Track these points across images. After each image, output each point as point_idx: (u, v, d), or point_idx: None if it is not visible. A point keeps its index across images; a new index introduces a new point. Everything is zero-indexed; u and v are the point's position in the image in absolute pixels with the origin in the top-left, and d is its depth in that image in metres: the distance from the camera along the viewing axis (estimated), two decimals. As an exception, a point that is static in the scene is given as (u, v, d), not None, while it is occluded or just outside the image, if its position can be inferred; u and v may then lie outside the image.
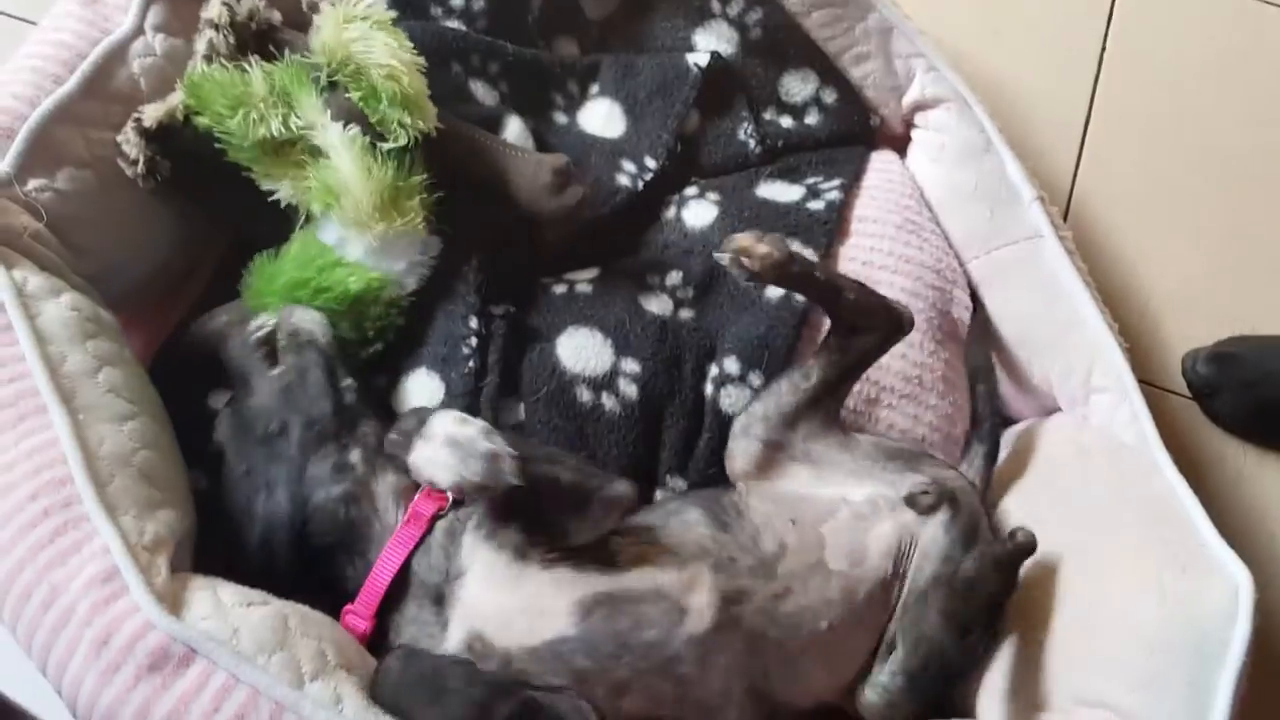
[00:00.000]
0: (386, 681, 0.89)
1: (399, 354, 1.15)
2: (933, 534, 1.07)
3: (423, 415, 0.98)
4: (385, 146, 1.10)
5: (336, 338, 1.09)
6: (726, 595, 0.98)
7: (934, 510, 1.07)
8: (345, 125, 1.09)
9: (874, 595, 1.04)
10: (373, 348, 1.14)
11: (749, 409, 1.14)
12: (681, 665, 0.95)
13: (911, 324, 1.12)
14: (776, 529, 1.05)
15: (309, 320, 1.07)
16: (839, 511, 1.07)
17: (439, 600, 0.96)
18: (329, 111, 1.09)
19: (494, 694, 0.87)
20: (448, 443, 0.94)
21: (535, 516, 0.98)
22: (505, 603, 0.94)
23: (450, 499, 0.98)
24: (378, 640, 0.97)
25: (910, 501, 1.08)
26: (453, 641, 0.94)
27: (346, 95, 1.10)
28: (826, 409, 1.12)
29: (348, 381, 1.06)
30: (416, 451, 0.95)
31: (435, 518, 0.99)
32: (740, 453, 1.12)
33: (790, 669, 1.01)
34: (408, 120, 1.09)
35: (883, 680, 1.03)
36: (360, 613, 0.96)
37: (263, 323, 1.08)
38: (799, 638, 1.00)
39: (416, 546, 0.97)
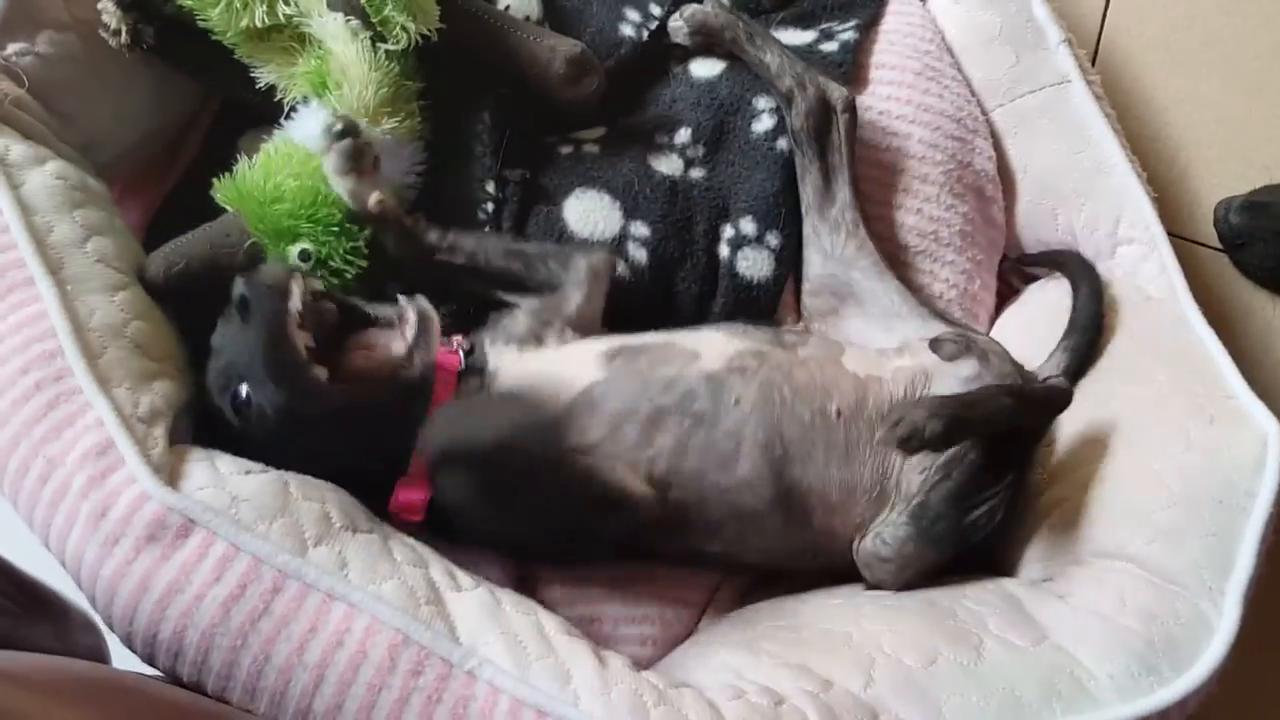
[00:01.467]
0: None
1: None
2: (949, 385, 1.04)
3: None
4: (384, 47, 1.06)
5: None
6: (741, 351, 1.03)
7: (957, 357, 1.05)
8: (346, 18, 1.05)
9: (882, 411, 1.02)
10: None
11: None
12: (697, 400, 1.00)
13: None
14: (798, 332, 1.09)
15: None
16: (869, 340, 1.11)
17: None
18: (326, 1, 1.05)
19: None
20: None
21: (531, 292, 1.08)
22: (544, 374, 1.02)
23: (462, 353, 1.02)
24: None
25: (934, 345, 1.07)
26: None
27: None
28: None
29: None
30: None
31: (460, 374, 1.01)
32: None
33: (802, 446, 1.01)
34: (411, 26, 1.05)
35: (884, 531, 1.01)
36: (415, 480, 0.97)
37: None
38: (810, 408, 1.01)
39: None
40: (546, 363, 1.03)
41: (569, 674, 0.83)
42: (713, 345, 1.04)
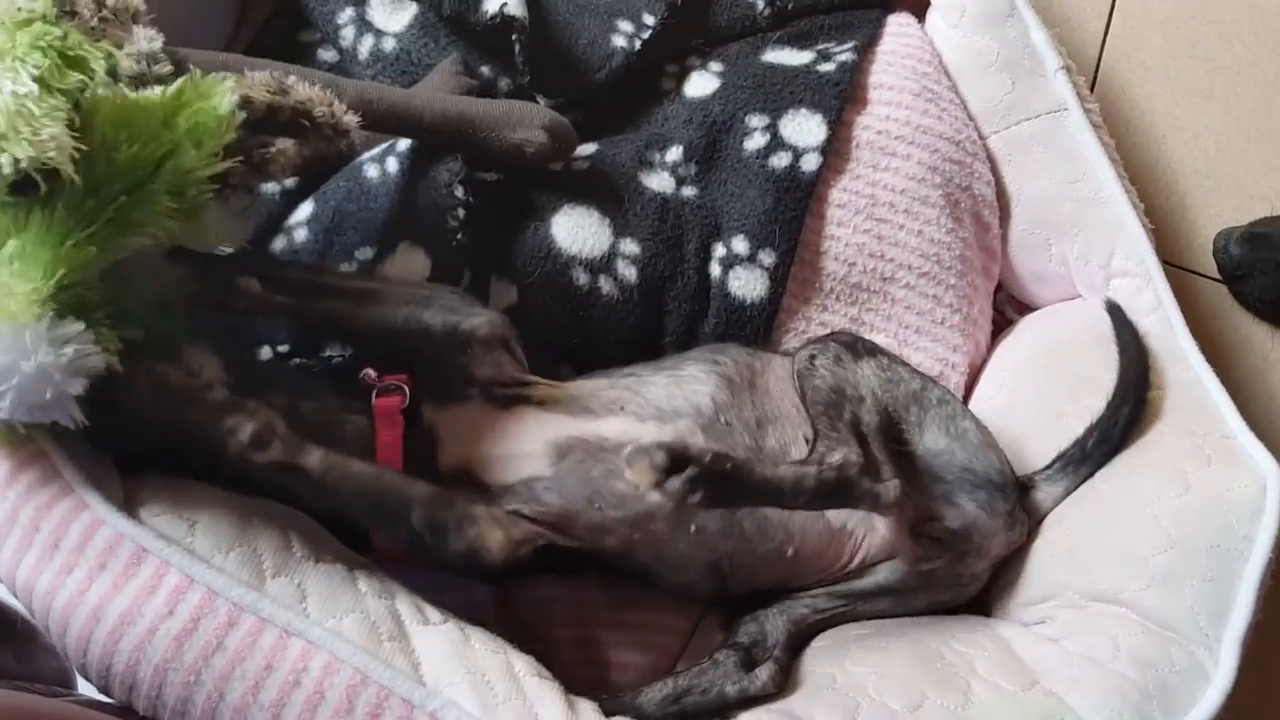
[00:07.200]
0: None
1: (380, 227, 1.09)
2: (901, 566, 1.00)
3: None
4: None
5: None
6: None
7: (931, 551, 1.00)
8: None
9: (830, 560, 1.00)
10: None
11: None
12: (653, 521, 0.95)
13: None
14: (786, 433, 1.00)
15: None
16: None
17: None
18: None
19: None
20: None
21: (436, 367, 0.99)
22: (483, 450, 0.96)
23: (407, 391, 0.97)
24: None
25: (917, 529, 1.00)
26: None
27: None
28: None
29: None
30: None
31: (407, 412, 0.96)
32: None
33: (750, 572, 0.99)
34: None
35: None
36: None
37: None
38: (766, 546, 0.97)
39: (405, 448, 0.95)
40: (489, 435, 0.96)
41: (536, 717, 0.81)
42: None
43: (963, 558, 0.99)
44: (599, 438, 0.96)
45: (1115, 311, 1.15)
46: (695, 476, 0.83)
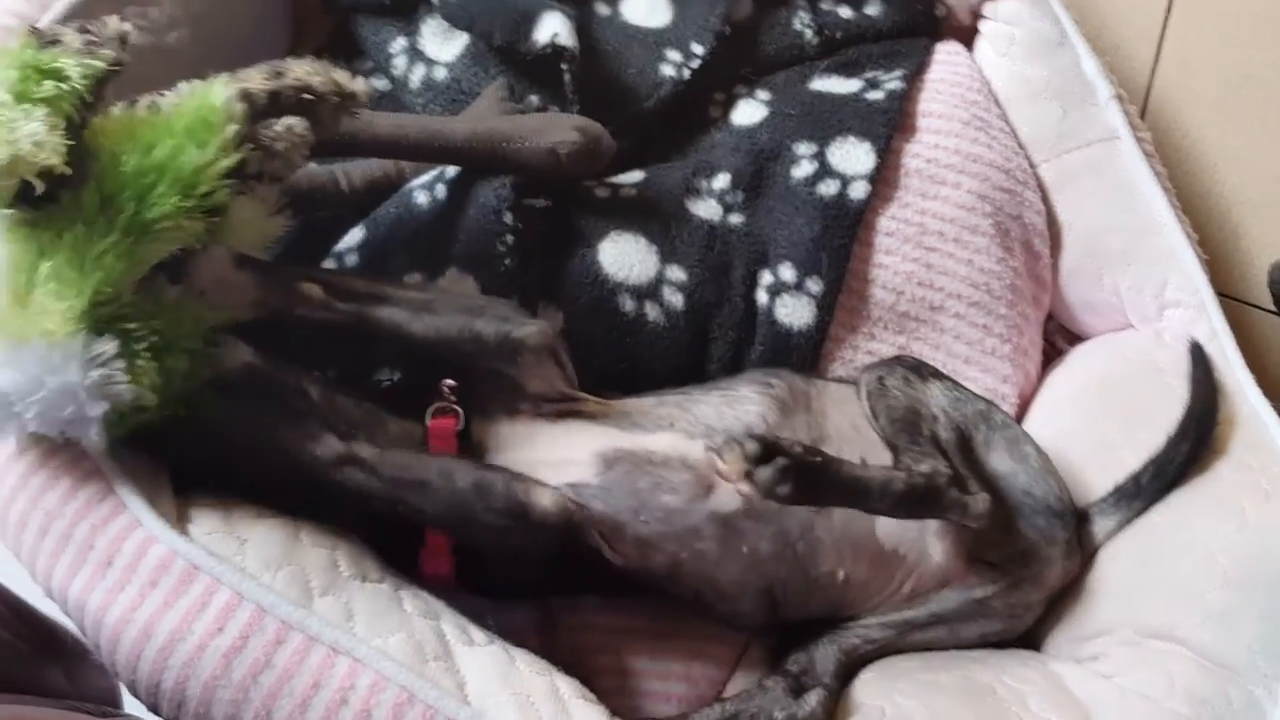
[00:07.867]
0: None
1: (429, 252, 1.09)
2: (955, 593, 0.99)
3: None
4: None
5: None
6: None
7: (986, 577, 0.99)
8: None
9: (881, 585, 0.99)
10: None
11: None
12: (701, 540, 0.94)
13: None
14: (843, 453, 0.98)
15: None
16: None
17: None
18: None
19: None
20: None
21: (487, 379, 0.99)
22: (529, 457, 0.95)
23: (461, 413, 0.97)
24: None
25: (974, 554, 0.99)
26: None
27: None
28: None
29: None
30: None
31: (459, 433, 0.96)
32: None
33: (802, 599, 0.98)
34: None
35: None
36: (438, 549, 0.94)
37: None
38: (818, 570, 0.96)
39: None
40: (536, 443, 0.97)
41: (582, 739, 0.81)
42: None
43: (1018, 585, 0.98)
44: (646, 451, 0.96)
45: (1196, 350, 1.12)
46: (786, 467, 0.83)
